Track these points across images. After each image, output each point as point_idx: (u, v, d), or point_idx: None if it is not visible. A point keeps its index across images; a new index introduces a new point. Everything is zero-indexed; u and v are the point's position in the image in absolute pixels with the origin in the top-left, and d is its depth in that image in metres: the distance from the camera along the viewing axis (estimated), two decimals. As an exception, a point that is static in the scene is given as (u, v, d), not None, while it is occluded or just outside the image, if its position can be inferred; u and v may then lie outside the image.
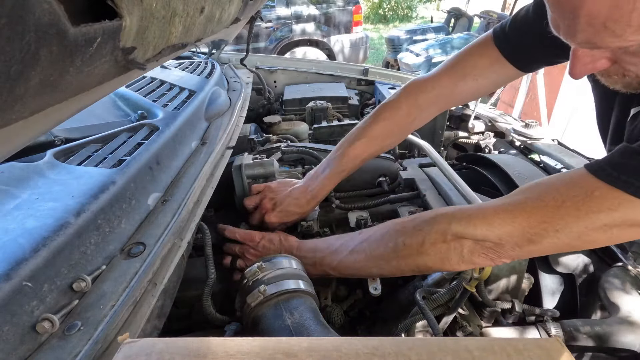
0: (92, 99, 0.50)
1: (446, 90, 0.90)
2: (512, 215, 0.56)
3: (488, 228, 0.58)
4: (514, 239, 0.57)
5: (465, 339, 0.45)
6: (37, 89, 0.30)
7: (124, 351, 0.39)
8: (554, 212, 0.53)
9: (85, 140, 0.82)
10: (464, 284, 0.71)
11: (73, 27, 0.29)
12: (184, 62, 1.64)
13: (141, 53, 0.43)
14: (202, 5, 0.55)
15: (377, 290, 0.81)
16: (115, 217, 0.64)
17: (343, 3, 5.80)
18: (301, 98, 1.77)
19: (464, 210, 0.63)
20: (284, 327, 0.58)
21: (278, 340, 0.41)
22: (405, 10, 13.25)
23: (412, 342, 0.41)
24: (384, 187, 1.17)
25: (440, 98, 0.92)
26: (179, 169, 0.87)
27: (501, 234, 0.57)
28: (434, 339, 0.61)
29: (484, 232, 0.58)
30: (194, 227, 0.74)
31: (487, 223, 0.58)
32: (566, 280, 0.88)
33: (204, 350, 0.39)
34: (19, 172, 0.65)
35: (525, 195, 0.58)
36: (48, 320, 0.46)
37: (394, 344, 0.40)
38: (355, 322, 0.90)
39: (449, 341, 0.42)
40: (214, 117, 1.20)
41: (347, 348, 0.39)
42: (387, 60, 6.61)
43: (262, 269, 0.67)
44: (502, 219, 0.57)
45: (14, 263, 0.46)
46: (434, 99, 0.92)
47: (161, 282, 0.60)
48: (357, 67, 2.10)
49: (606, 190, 0.50)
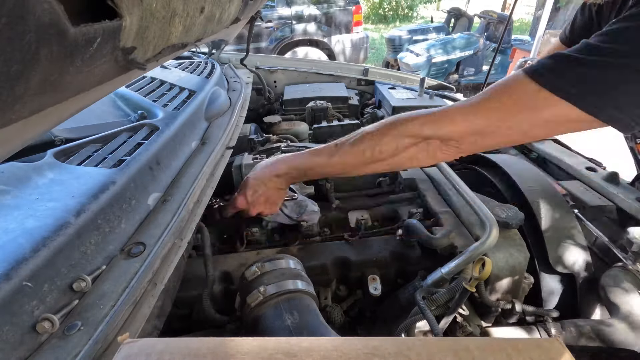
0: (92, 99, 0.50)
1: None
2: (474, 115, 0.65)
3: (452, 128, 0.66)
4: (473, 135, 0.66)
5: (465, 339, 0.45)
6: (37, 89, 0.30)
7: (124, 351, 0.39)
8: (508, 111, 0.61)
9: (85, 140, 0.82)
10: (464, 284, 0.71)
11: (73, 27, 0.29)
12: (184, 62, 1.64)
13: (141, 53, 0.43)
14: (202, 5, 0.55)
15: (377, 290, 0.81)
16: (115, 217, 0.64)
17: (343, 3, 5.80)
18: (301, 98, 1.77)
19: (429, 114, 0.70)
20: (284, 327, 0.58)
21: (278, 340, 0.41)
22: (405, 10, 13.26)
23: (412, 342, 0.41)
24: (384, 187, 1.17)
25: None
26: (179, 169, 0.87)
27: (463, 131, 0.66)
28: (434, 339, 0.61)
29: (450, 132, 0.67)
30: (194, 227, 0.74)
31: (452, 123, 0.66)
32: (566, 280, 0.88)
33: (204, 351, 0.39)
34: (19, 172, 0.65)
35: (483, 96, 0.65)
36: (48, 320, 0.46)
37: (394, 344, 0.40)
38: (355, 322, 0.90)
39: (449, 341, 0.42)
40: (214, 117, 1.20)
41: (347, 348, 0.39)
42: (387, 60, 6.61)
43: (261, 269, 0.67)
44: (465, 119, 0.65)
45: (14, 263, 0.46)
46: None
47: (161, 282, 0.60)
48: (357, 67, 2.10)
49: (546, 93, 0.58)
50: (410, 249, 0.90)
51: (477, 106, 0.64)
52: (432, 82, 1.90)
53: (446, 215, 0.95)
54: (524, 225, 0.90)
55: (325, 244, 0.94)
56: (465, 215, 0.91)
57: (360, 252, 0.89)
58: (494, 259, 0.78)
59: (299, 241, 0.95)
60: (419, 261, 0.89)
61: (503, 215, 0.83)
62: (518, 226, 0.84)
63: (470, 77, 5.82)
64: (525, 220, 0.86)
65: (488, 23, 6.06)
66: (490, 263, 0.68)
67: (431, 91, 1.68)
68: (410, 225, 0.88)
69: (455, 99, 1.66)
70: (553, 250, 0.87)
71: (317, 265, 0.86)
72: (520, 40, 5.87)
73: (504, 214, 0.83)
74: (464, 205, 0.92)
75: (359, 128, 1.41)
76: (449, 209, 0.97)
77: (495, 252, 0.80)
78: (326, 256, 0.88)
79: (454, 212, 0.96)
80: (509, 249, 0.81)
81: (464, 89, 5.59)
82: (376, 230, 0.98)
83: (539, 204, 0.93)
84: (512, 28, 6.45)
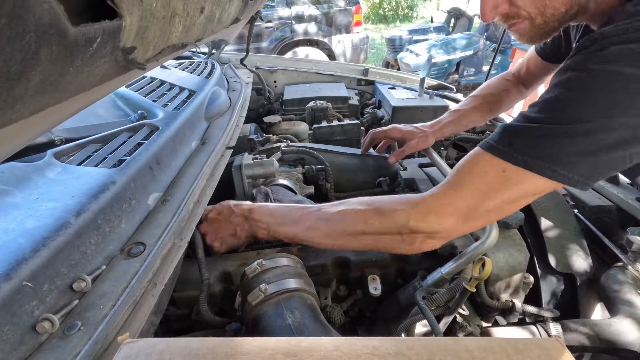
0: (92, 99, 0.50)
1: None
2: (454, 206, 0.65)
3: (437, 222, 0.67)
4: (456, 225, 0.66)
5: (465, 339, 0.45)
6: (37, 89, 0.30)
7: (124, 351, 0.39)
8: (485, 195, 0.63)
9: (85, 140, 0.82)
10: (464, 284, 0.71)
11: (73, 27, 0.29)
12: (184, 62, 1.64)
13: (141, 53, 0.43)
14: (202, 5, 0.55)
15: (377, 290, 0.81)
16: (115, 217, 0.64)
17: (343, 3, 5.80)
18: (301, 98, 1.77)
19: (418, 206, 0.69)
20: (285, 326, 0.58)
21: (278, 340, 0.41)
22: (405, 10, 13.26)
23: (412, 342, 0.41)
24: (384, 187, 1.17)
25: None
26: (179, 169, 0.87)
27: (447, 224, 0.66)
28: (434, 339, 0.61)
29: (434, 227, 0.67)
30: (194, 227, 0.74)
31: (437, 216, 0.67)
32: (566, 280, 0.88)
33: (204, 351, 0.39)
34: (19, 172, 0.65)
35: (459, 180, 0.66)
36: (48, 320, 0.46)
37: (394, 344, 0.40)
38: (355, 322, 0.90)
39: (449, 341, 0.42)
40: (214, 117, 1.20)
41: (347, 348, 0.39)
42: (387, 60, 6.61)
43: (262, 266, 0.67)
44: (447, 211, 0.66)
45: (14, 263, 0.46)
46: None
47: (161, 282, 0.60)
48: (357, 67, 2.10)
49: (514, 170, 0.59)
50: (410, 249, 0.90)
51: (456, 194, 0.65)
52: (432, 82, 1.90)
53: (446, 215, 0.95)
54: (524, 225, 0.90)
55: (325, 244, 0.93)
56: (465, 215, 0.91)
57: (360, 252, 0.89)
58: (494, 259, 0.78)
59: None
60: (419, 261, 0.89)
61: (503, 215, 0.83)
62: (518, 226, 0.84)
63: (471, 77, 5.82)
64: (525, 220, 0.86)
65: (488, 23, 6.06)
66: (490, 263, 0.68)
67: (431, 91, 1.68)
68: (410, 225, 0.87)
69: (456, 99, 1.66)
70: (553, 250, 0.87)
71: (317, 265, 0.86)
72: (520, 40, 5.86)
73: (504, 214, 0.83)
74: (464, 205, 0.92)
75: (359, 128, 1.41)
76: (449, 209, 0.97)
77: (495, 252, 0.80)
78: (326, 256, 0.88)
79: (454, 212, 0.96)
80: (509, 249, 0.81)
81: (464, 89, 5.59)
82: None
83: (539, 204, 0.93)
84: (512, 28, 6.44)
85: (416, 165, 1.20)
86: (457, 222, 0.66)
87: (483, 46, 5.79)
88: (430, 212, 0.67)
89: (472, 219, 0.65)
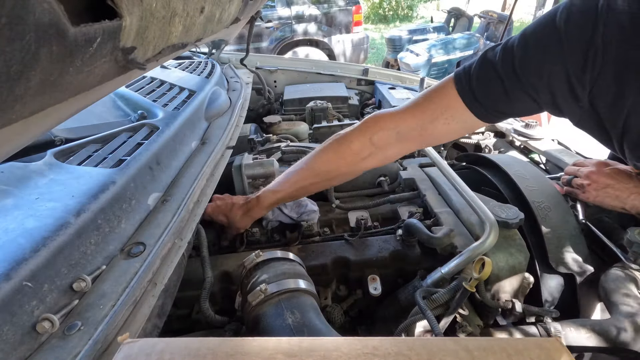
0: (92, 99, 0.50)
1: (413, 132, 0.82)
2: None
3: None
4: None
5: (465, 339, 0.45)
6: (37, 89, 0.30)
7: (124, 351, 0.39)
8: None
9: (85, 140, 0.82)
10: (464, 284, 0.71)
11: (73, 27, 0.29)
12: (184, 62, 1.64)
13: (141, 53, 0.43)
14: (202, 5, 0.55)
15: (377, 290, 0.81)
16: (115, 217, 0.64)
17: (343, 3, 5.80)
18: (301, 98, 1.77)
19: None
20: (285, 325, 0.58)
21: (278, 340, 0.41)
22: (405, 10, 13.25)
23: (412, 342, 0.41)
24: (384, 187, 1.17)
25: (402, 137, 0.84)
26: (179, 169, 0.87)
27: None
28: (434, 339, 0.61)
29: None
30: (194, 227, 0.74)
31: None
32: (566, 280, 0.88)
33: (204, 351, 0.39)
34: (19, 172, 0.65)
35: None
36: (48, 320, 0.46)
37: (394, 344, 0.40)
38: (355, 322, 0.90)
39: (448, 341, 0.42)
40: (214, 117, 1.20)
41: (347, 348, 0.39)
42: (387, 60, 6.61)
43: (258, 256, 0.69)
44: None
45: (14, 263, 0.46)
46: (395, 137, 0.84)
47: (161, 282, 0.60)
48: (357, 67, 2.10)
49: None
50: (410, 249, 0.90)
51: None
52: (432, 82, 1.90)
53: (446, 215, 0.95)
54: (524, 225, 0.90)
55: (325, 243, 0.94)
56: (465, 215, 0.91)
57: (360, 252, 0.89)
58: (494, 259, 0.78)
59: (299, 241, 0.95)
60: (418, 261, 0.89)
61: (503, 215, 0.83)
62: (518, 226, 0.84)
63: (471, 77, 5.81)
64: (525, 220, 0.86)
65: (488, 23, 6.06)
66: (490, 263, 0.68)
67: (431, 91, 1.68)
68: (411, 225, 0.88)
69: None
70: (553, 250, 0.87)
71: (317, 265, 0.86)
72: (520, 40, 5.86)
73: (504, 214, 0.83)
74: (464, 205, 0.92)
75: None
76: (449, 209, 0.97)
77: (495, 252, 0.80)
78: (326, 256, 0.88)
79: (454, 212, 0.96)
80: (509, 249, 0.81)
81: (464, 89, 5.58)
82: (376, 230, 0.98)
83: (539, 204, 0.93)
84: (512, 28, 6.43)
85: (416, 165, 1.20)
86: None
87: (483, 46, 5.78)
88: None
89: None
